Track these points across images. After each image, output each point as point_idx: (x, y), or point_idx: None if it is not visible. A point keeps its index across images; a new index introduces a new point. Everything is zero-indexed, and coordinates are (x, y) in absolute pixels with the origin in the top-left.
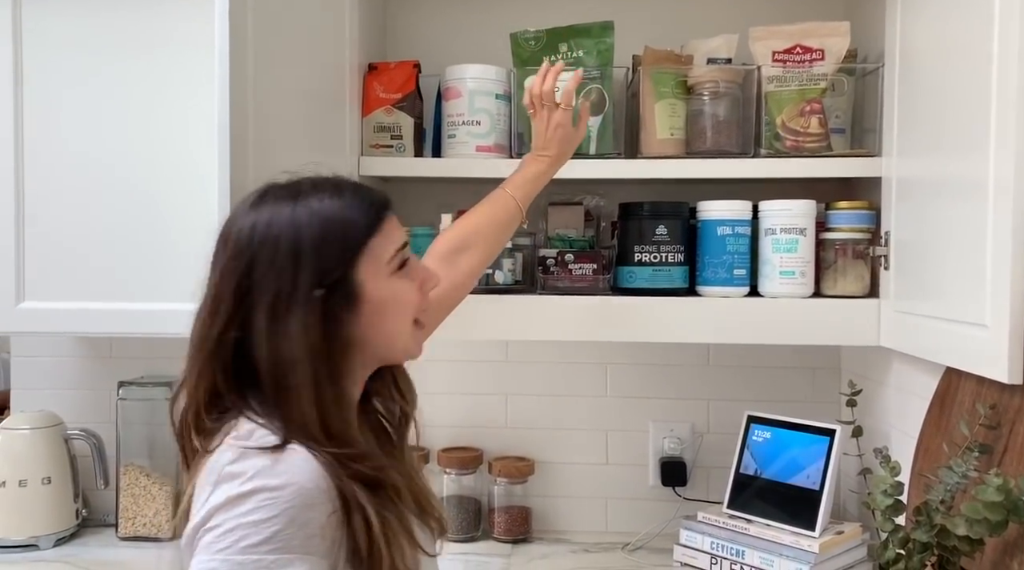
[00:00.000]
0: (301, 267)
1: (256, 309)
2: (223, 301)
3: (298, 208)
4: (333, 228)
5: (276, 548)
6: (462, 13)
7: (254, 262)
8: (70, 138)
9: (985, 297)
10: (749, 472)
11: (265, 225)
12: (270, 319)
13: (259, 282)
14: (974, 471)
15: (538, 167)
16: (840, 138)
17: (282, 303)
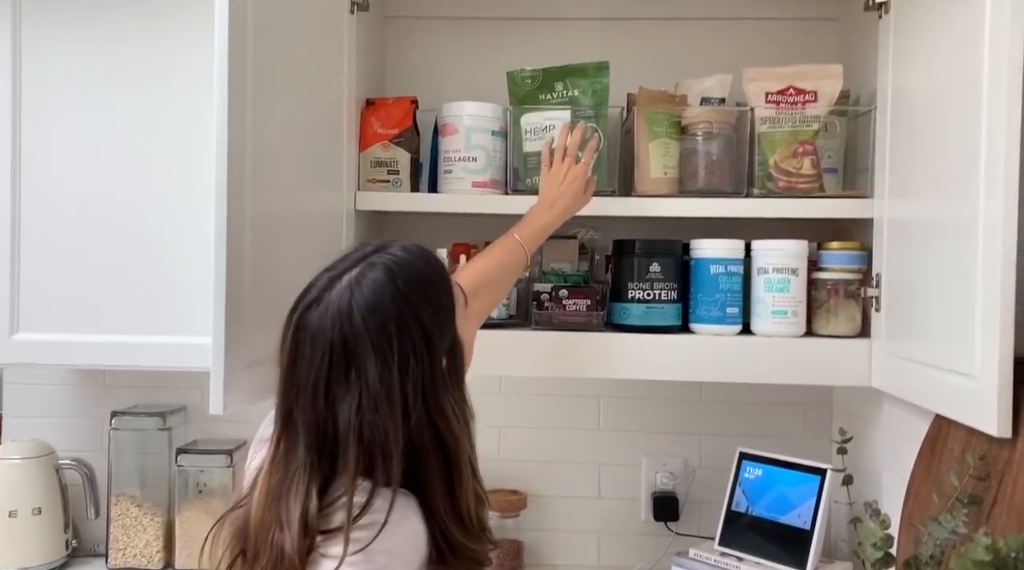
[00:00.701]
0: (432, 348)
1: (416, 400)
2: (393, 401)
3: (403, 285)
4: (437, 295)
5: None
6: (460, 50)
7: (403, 358)
8: (67, 170)
9: (974, 346)
10: (740, 509)
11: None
12: (427, 406)
13: (413, 373)
14: (963, 527)
15: (547, 219)
16: (833, 178)
17: (431, 388)
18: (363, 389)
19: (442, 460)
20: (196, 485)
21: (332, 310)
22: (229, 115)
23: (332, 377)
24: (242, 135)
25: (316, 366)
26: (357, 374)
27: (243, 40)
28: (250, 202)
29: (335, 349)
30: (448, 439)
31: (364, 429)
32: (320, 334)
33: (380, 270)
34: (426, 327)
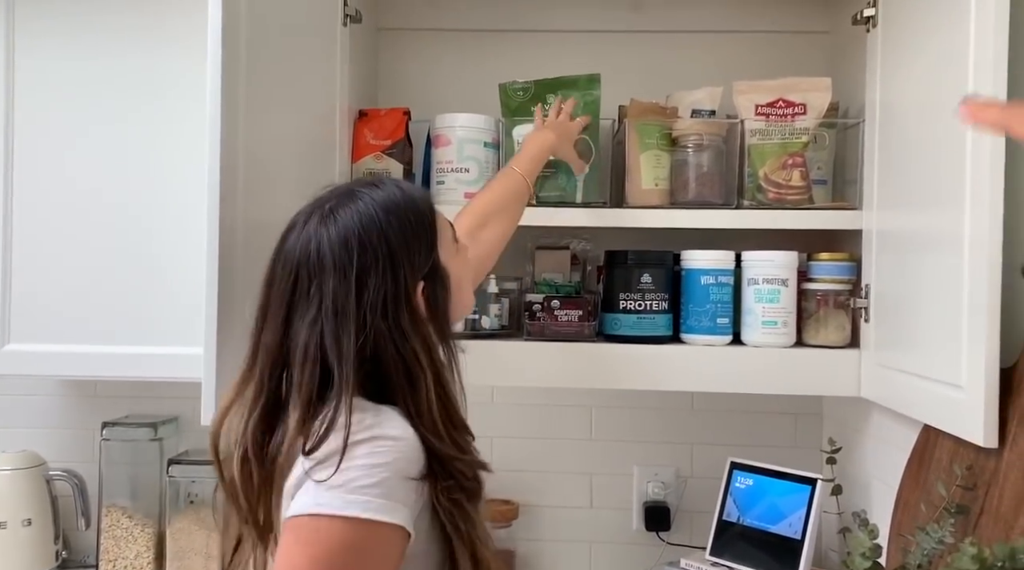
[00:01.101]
0: (398, 266)
1: (373, 316)
2: (346, 315)
3: (372, 209)
4: (413, 219)
5: (383, 493)
6: (452, 62)
7: (362, 273)
8: (59, 180)
9: (961, 357)
10: (732, 519)
11: (356, 234)
12: (386, 322)
13: (372, 290)
14: (950, 537)
15: (542, 137)
16: (822, 189)
17: (392, 307)
18: (320, 303)
19: (402, 372)
20: (187, 496)
21: (305, 234)
22: (222, 126)
23: (296, 295)
24: (234, 146)
25: (284, 288)
26: (318, 289)
27: (236, 51)
28: (242, 212)
29: (300, 268)
30: (408, 355)
31: (320, 341)
32: (290, 256)
33: (358, 198)
34: (392, 245)
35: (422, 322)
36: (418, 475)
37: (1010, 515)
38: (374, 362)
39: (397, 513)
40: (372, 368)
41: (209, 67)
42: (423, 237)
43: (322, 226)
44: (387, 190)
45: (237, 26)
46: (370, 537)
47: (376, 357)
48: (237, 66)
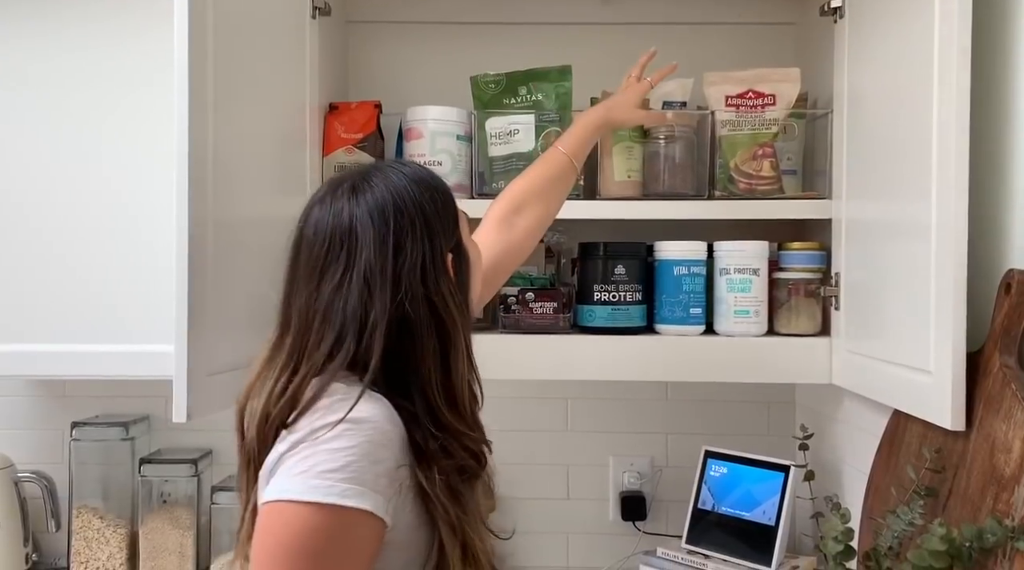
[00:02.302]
0: (434, 234)
1: (411, 279)
2: (384, 277)
3: (403, 182)
4: (440, 195)
5: (348, 478)
6: (423, 55)
7: (399, 239)
8: (24, 176)
9: (929, 343)
10: (707, 507)
11: (391, 203)
12: (424, 286)
13: (409, 253)
14: (920, 519)
15: (589, 116)
16: (792, 179)
17: (431, 270)
18: (353, 267)
19: (436, 337)
20: (160, 495)
21: (335, 206)
22: (190, 121)
23: (327, 261)
24: (203, 141)
25: (315, 253)
26: (350, 255)
27: (203, 45)
28: (212, 208)
29: (333, 235)
30: (445, 316)
31: (349, 301)
32: (321, 224)
33: (386, 172)
34: (427, 213)
35: (456, 289)
36: (393, 461)
37: (977, 496)
38: (403, 329)
39: (365, 498)
40: (398, 336)
41: (176, 61)
42: (450, 211)
43: (354, 197)
44: (412, 167)
45: (204, 20)
46: (336, 523)
47: (407, 323)
48: (204, 60)
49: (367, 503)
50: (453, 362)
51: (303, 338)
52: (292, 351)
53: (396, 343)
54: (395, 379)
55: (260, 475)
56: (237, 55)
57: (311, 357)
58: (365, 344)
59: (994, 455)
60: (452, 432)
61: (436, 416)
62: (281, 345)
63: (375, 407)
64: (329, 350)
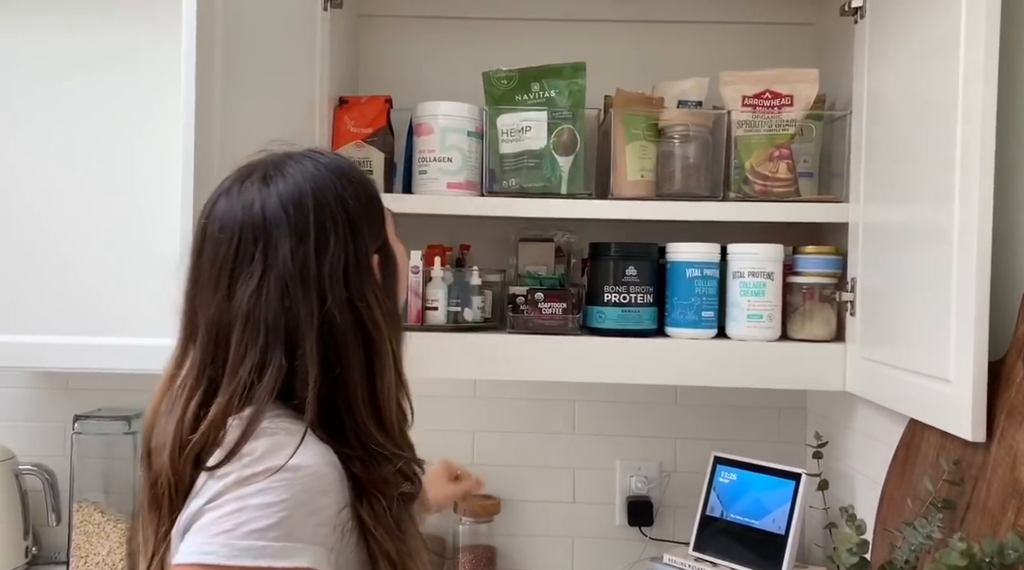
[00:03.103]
0: (357, 231)
1: (334, 282)
2: (306, 281)
3: (322, 170)
4: (364, 188)
5: (283, 535)
6: (435, 50)
7: (320, 235)
8: (28, 167)
9: (949, 351)
10: (715, 514)
11: (310, 193)
12: (348, 290)
13: (333, 254)
14: (938, 532)
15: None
16: (808, 182)
17: (355, 272)
18: (270, 268)
19: (362, 348)
20: None
21: (244, 196)
22: (197, 113)
23: (238, 260)
24: (210, 133)
25: (222, 252)
26: (265, 254)
27: (212, 37)
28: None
29: (244, 230)
30: (370, 324)
31: (270, 308)
32: (229, 217)
33: (303, 160)
34: (350, 209)
35: (383, 294)
36: (334, 506)
37: (998, 510)
38: (328, 339)
39: (304, 555)
40: (324, 349)
41: (183, 53)
42: (376, 207)
43: (266, 186)
44: (331, 156)
45: (213, 11)
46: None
47: (333, 332)
48: (212, 52)
49: (306, 560)
50: (379, 376)
51: (217, 353)
52: (203, 368)
53: (324, 355)
54: (323, 395)
55: (174, 529)
56: (246, 47)
57: (233, 377)
58: (297, 359)
59: (1016, 468)
60: (385, 455)
61: (364, 440)
62: (185, 360)
63: (313, 448)
64: (255, 367)
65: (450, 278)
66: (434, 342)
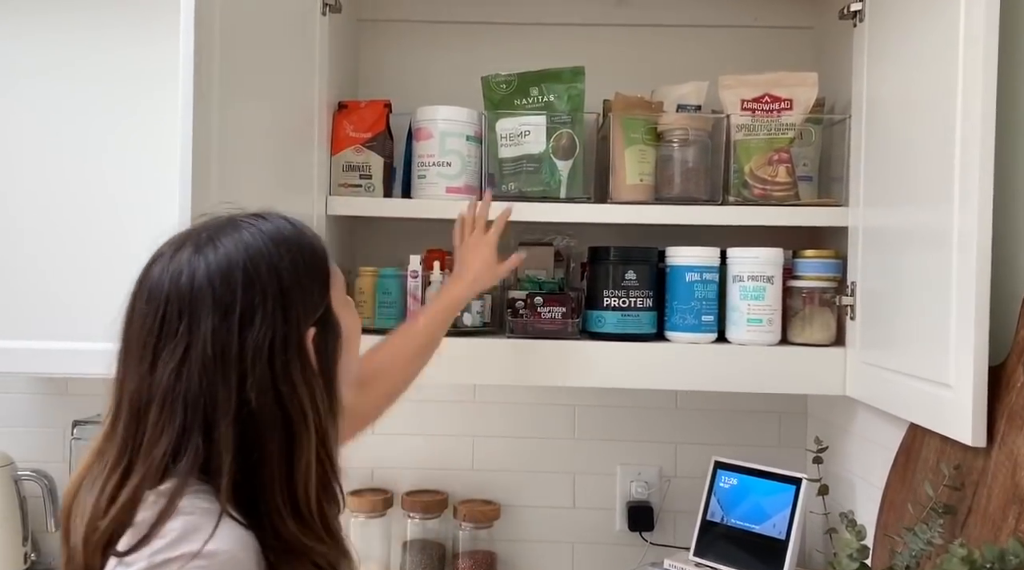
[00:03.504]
0: (290, 305)
1: (256, 362)
2: (227, 359)
3: (260, 242)
4: (306, 257)
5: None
6: (435, 54)
7: (247, 311)
8: (30, 174)
9: (949, 355)
10: (716, 519)
11: (240, 266)
12: (272, 371)
13: (258, 330)
14: (939, 538)
15: (454, 291)
16: (808, 186)
17: (281, 351)
18: (192, 345)
19: (282, 432)
20: None
21: (175, 264)
22: (194, 115)
23: (162, 334)
24: (207, 138)
25: (147, 324)
26: (189, 328)
27: (210, 41)
28: (215, 207)
29: (170, 301)
30: (291, 409)
31: (191, 386)
32: (157, 287)
33: (242, 228)
34: (284, 283)
35: (314, 373)
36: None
37: (999, 516)
38: (248, 423)
39: None
40: (243, 432)
41: (181, 56)
42: (317, 276)
43: (198, 255)
44: (276, 222)
45: (211, 15)
46: None
47: (252, 416)
48: (211, 56)
49: None
50: (298, 464)
51: (137, 430)
52: (124, 445)
53: (241, 439)
54: (241, 483)
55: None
56: (244, 51)
57: (148, 456)
58: (214, 442)
59: (1017, 473)
60: (299, 548)
61: (278, 529)
62: (113, 435)
63: (229, 533)
64: (171, 449)
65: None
66: None
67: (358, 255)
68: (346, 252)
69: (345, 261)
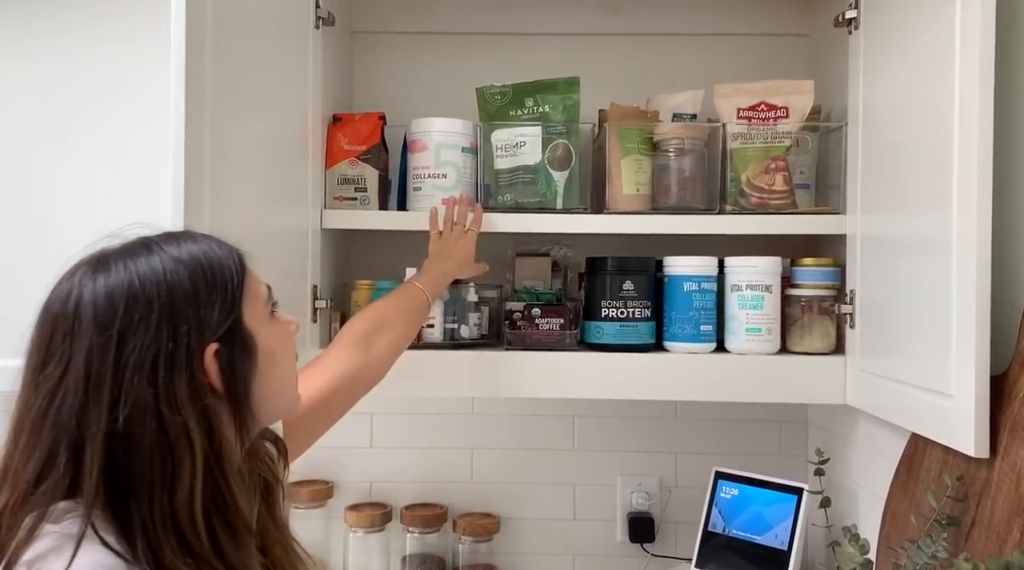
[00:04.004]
0: (180, 321)
1: (134, 381)
2: (100, 379)
3: (158, 258)
4: (208, 273)
5: None
6: (429, 66)
7: (127, 329)
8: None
9: (950, 365)
10: (717, 530)
11: (126, 284)
12: (153, 390)
13: (137, 347)
14: (943, 552)
15: (444, 266)
16: (805, 193)
17: (164, 370)
18: (70, 366)
19: (161, 456)
20: None
21: (67, 285)
22: (186, 133)
23: (47, 355)
24: (200, 152)
25: (35, 344)
26: (69, 349)
27: (201, 56)
28: (209, 221)
29: (57, 323)
30: (173, 433)
31: (63, 409)
32: (48, 309)
33: (148, 247)
34: (175, 297)
35: (205, 393)
36: None
37: (1003, 528)
38: (123, 445)
39: None
40: (120, 455)
41: (172, 70)
42: (220, 290)
43: (89, 277)
44: (190, 242)
45: (201, 30)
46: None
47: (128, 435)
48: (202, 69)
49: None
50: (180, 487)
51: (11, 450)
52: (3, 470)
53: (116, 462)
54: (117, 504)
55: None
56: (236, 65)
57: (16, 479)
58: (81, 464)
59: (1021, 485)
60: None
61: (157, 556)
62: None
63: (88, 559)
64: (36, 473)
65: (446, 295)
66: (431, 360)
67: (354, 268)
68: (342, 265)
69: (341, 274)
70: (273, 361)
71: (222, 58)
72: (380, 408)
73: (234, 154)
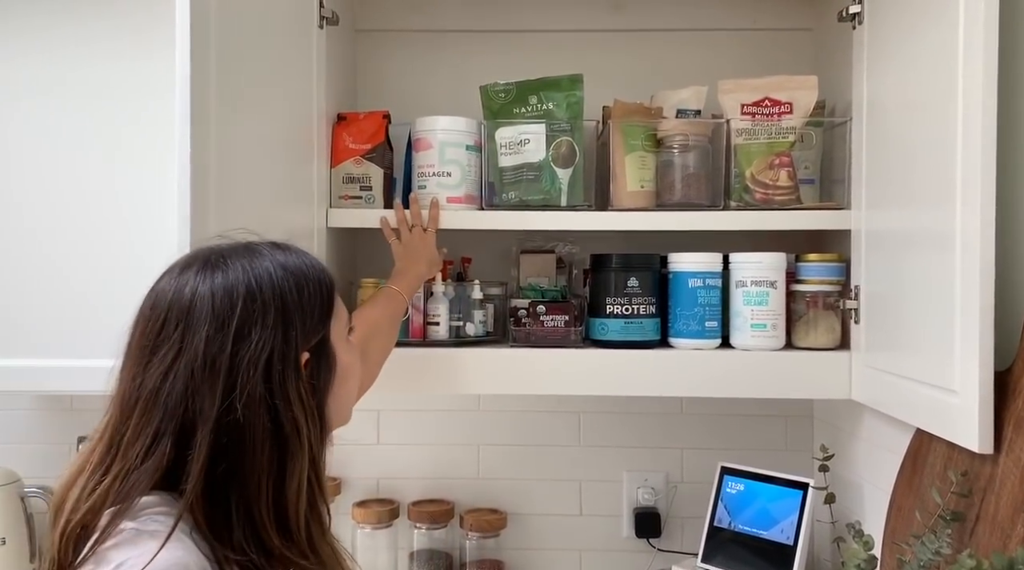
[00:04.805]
0: (290, 325)
1: (250, 375)
2: (215, 369)
3: (269, 263)
4: (311, 285)
5: None
6: (433, 64)
7: (244, 324)
8: (25, 190)
9: (954, 360)
10: (723, 525)
11: (244, 283)
12: (267, 385)
13: (254, 344)
14: (947, 548)
15: (417, 269)
16: (810, 189)
17: (278, 367)
18: (183, 352)
19: (274, 446)
20: None
21: (183, 278)
22: (192, 129)
23: (159, 341)
24: (205, 152)
25: (148, 330)
26: (182, 336)
27: (206, 54)
28: (214, 221)
29: (170, 312)
30: (286, 423)
31: (173, 392)
32: (161, 297)
33: (256, 251)
34: (286, 302)
35: (310, 392)
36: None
37: (1007, 523)
38: (232, 433)
39: None
40: (226, 442)
41: (177, 70)
42: (319, 303)
43: (204, 272)
44: (288, 251)
45: (207, 30)
46: None
47: (237, 427)
48: (207, 69)
49: None
50: (290, 478)
51: (122, 429)
52: (108, 444)
53: (223, 450)
54: (216, 492)
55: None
56: (241, 65)
57: (125, 455)
58: (188, 449)
59: None
60: (279, 559)
61: (261, 539)
62: (104, 434)
63: (176, 553)
64: (146, 449)
65: (451, 293)
66: (437, 357)
67: (360, 267)
68: (348, 264)
69: (347, 273)
70: (344, 379)
71: (226, 58)
72: (387, 405)
73: (239, 153)
